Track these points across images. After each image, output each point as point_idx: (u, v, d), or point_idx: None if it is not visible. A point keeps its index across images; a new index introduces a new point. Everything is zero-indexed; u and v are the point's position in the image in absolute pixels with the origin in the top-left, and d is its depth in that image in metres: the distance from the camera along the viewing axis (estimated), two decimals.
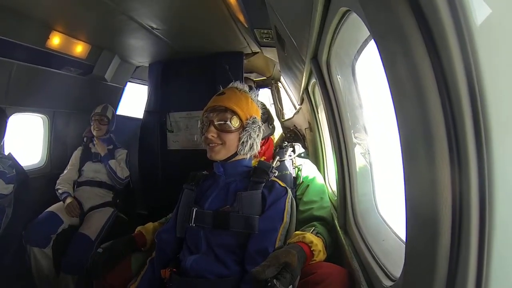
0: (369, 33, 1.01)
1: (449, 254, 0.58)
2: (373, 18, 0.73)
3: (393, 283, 0.93)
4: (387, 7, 0.60)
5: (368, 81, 1.31)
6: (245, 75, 3.82)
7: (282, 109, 4.77)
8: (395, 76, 0.67)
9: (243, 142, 1.55)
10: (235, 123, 1.54)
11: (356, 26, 1.04)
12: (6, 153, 2.73)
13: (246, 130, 1.55)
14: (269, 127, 2.03)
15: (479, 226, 0.54)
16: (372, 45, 1.08)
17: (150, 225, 1.85)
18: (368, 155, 1.40)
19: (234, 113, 1.54)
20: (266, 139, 2.02)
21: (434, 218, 0.58)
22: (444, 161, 0.56)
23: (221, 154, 1.56)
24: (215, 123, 1.53)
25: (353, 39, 1.15)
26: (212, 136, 1.52)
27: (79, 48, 3.04)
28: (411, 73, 0.58)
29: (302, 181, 1.80)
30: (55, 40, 2.72)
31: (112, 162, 3.15)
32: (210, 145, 1.54)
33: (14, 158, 2.73)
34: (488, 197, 0.52)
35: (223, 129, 1.53)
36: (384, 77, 0.70)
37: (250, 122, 1.57)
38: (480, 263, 0.54)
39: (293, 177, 1.87)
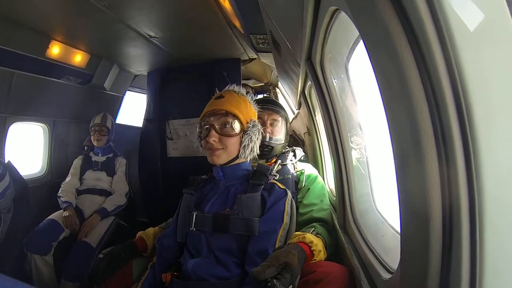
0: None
1: (441, 244, 0.60)
2: (359, 16, 0.74)
3: (391, 275, 0.93)
4: (372, 5, 0.62)
5: (362, 78, 1.33)
6: (242, 81, 3.86)
7: None
8: (382, 75, 0.69)
9: (244, 145, 1.54)
10: (236, 126, 1.53)
11: (346, 25, 1.05)
12: (6, 161, 2.75)
13: (247, 134, 1.55)
14: None
15: (469, 218, 0.55)
16: (362, 44, 1.10)
17: (150, 230, 1.84)
18: (365, 155, 1.41)
19: (235, 116, 1.53)
20: None
21: (426, 212, 0.59)
22: (432, 158, 0.57)
23: (222, 158, 1.55)
24: (216, 127, 1.52)
25: (345, 38, 1.17)
26: (214, 141, 1.51)
27: (78, 57, 3.08)
28: (397, 72, 0.59)
29: (304, 185, 1.80)
30: (55, 50, 2.76)
31: (114, 199, 3.15)
32: (211, 149, 1.53)
33: (13, 167, 2.75)
34: (476, 191, 0.53)
35: (225, 133, 1.52)
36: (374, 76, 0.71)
37: (251, 125, 1.56)
38: (473, 250, 0.55)
39: (295, 181, 1.88)
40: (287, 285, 1.11)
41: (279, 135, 2.06)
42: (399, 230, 1.12)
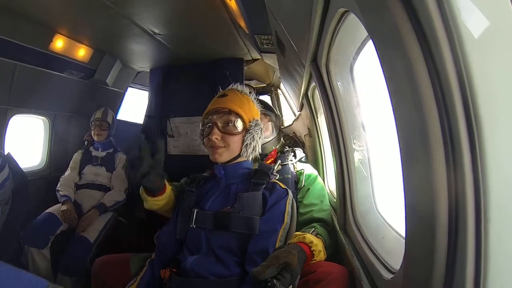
0: (367, 34, 1.04)
1: (447, 244, 0.60)
2: (370, 18, 0.75)
3: (393, 275, 0.94)
4: (383, 7, 0.62)
5: (367, 81, 1.33)
6: (245, 82, 3.85)
7: (282, 116, 4.79)
8: (392, 76, 0.69)
9: (246, 144, 1.55)
10: (239, 125, 1.54)
11: (354, 27, 1.06)
12: (5, 153, 2.74)
13: (249, 133, 1.56)
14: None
15: (474, 220, 0.55)
16: (370, 46, 1.11)
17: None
18: (367, 156, 1.41)
19: (238, 115, 1.54)
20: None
21: (432, 213, 0.60)
22: (440, 159, 0.58)
23: (224, 157, 1.56)
24: (219, 125, 1.53)
25: (352, 40, 1.17)
26: (216, 139, 1.51)
27: (82, 52, 3.07)
28: (407, 73, 0.60)
29: (304, 185, 1.81)
30: (59, 43, 2.75)
31: (113, 195, 3.14)
32: (213, 147, 1.54)
33: (13, 159, 2.74)
34: (483, 193, 0.53)
35: (227, 132, 1.53)
36: (383, 78, 0.72)
37: (253, 124, 1.58)
38: (478, 252, 0.55)
39: (295, 180, 1.88)
40: (287, 285, 1.11)
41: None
42: (400, 232, 1.14)
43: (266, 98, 4.83)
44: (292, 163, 1.99)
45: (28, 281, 0.42)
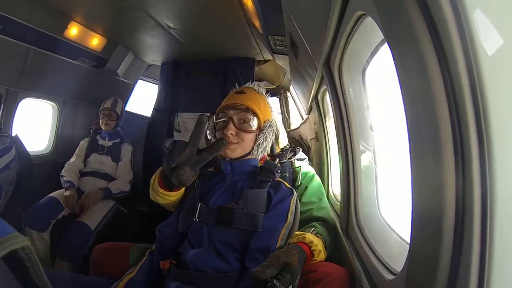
0: (382, 38, 1.05)
1: (452, 245, 0.60)
2: (387, 22, 0.75)
3: (395, 276, 0.94)
4: (401, 12, 0.63)
5: (378, 86, 1.34)
6: (255, 83, 3.87)
7: (289, 119, 4.79)
8: (406, 80, 0.69)
9: (259, 144, 1.57)
10: (254, 124, 1.56)
11: (369, 31, 1.06)
12: (13, 135, 2.76)
13: (263, 132, 1.57)
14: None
15: (480, 223, 0.55)
16: (383, 51, 1.11)
17: None
18: (373, 160, 1.41)
19: (255, 114, 1.56)
20: None
21: (439, 214, 0.60)
22: (449, 164, 0.58)
23: (236, 153, 1.57)
24: (235, 121, 1.55)
25: (366, 44, 1.18)
26: (231, 134, 1.52)
27: (95, 41, 3.11)
28: (421, 77, 0.60)
29: (301, 183, 1.80)
30: (73, 30, 2.79)
31: (118, 184, 3.17)
32: (227, 142, 1.52)
33: (20, 141, 2.77)
34: (489, 197, 0.54)
35: (243, 129, 1.54)
36: (397, 81, 0.72)
37: (267, 125, 1.59)
38: (482, 254, 0.55)
39: (292, 178, 1.87)
40: (287, 285, 1.11)
41: None
42: (402, 236, 1.14)
43: (274, 100, 4.83)
44: (290, 161, 1.97)
45: None
